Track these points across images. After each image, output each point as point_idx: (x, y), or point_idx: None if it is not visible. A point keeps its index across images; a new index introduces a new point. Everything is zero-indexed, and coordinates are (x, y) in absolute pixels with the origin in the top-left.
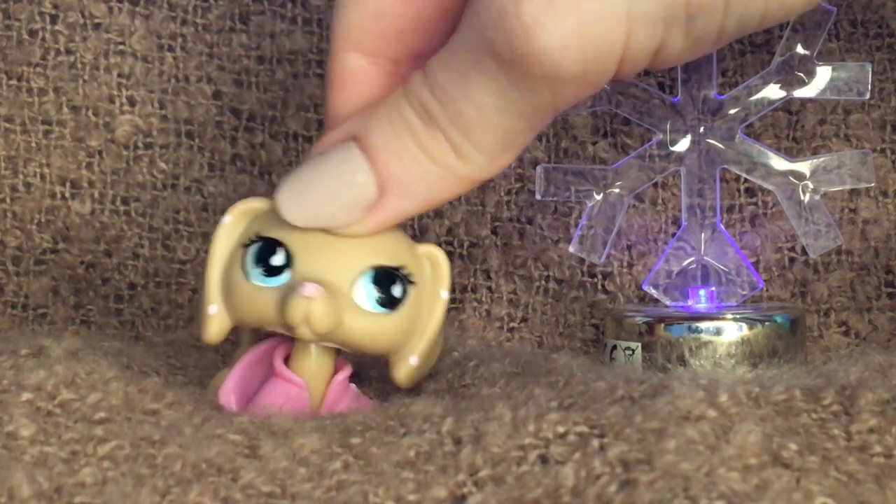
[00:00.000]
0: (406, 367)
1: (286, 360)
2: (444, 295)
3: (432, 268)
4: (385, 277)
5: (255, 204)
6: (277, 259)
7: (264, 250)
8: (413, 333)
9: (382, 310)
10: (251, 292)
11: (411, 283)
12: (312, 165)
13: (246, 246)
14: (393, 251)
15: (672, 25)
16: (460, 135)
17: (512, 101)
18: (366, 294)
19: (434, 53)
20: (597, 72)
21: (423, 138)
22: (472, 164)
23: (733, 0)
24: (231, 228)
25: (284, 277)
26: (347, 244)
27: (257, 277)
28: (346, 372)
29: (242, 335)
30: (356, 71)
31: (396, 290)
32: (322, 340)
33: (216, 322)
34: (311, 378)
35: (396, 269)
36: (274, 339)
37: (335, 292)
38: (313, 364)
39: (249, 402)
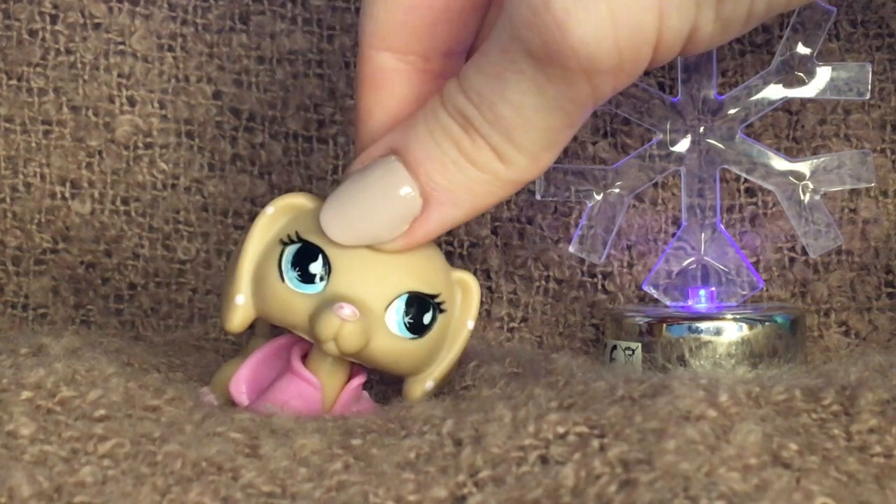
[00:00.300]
0: (421, 389)
1: (303, 359)
2: (471, 325)
3: (463, 296)
4: (419, 303)
5: (300, 200)
6: (316, 267)
7: (303, 254)
8: (434, 358)
9: (410, 335)
10: (285, 295)
11: (442, 311)
12: (354, 182)
13: (285, 244)
14: (430, 277)
15: (703, 8)
16: (501, 138)
17: (550, 99)
18: (396, 318)
19: (464, 48)
20: (633, 60)
21: (464, 145)
22: (515, 165)
23: None
24: (272, 220)
25: (320, 286)
26: (388, 264)
27: (292, 281)
28: (361, 378)
29: (259, 326)
30: (387, 70)
31: (427, 318)
32: (345, 357)
33: (241, 312)
34: (327, 380)
35: (432, 296)
36: (292, 335)
37: (367, 312)
38: (330, 367)
39: (260, 395)
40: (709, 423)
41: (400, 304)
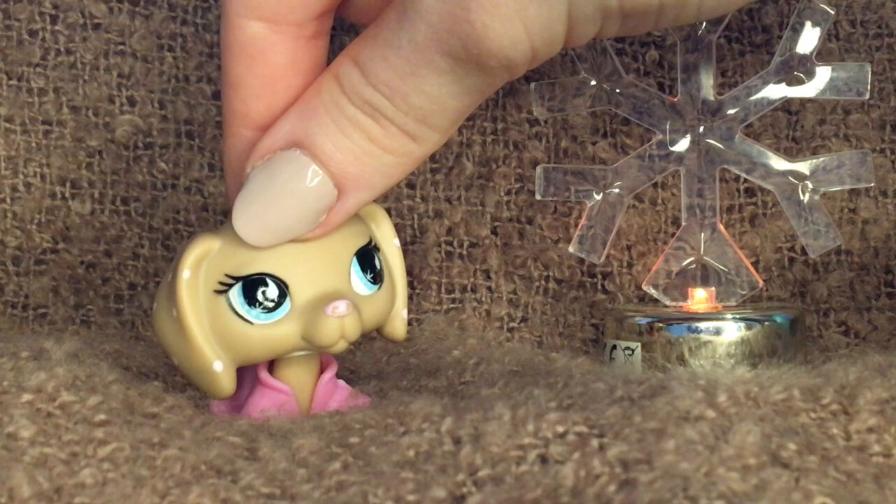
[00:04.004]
0: (400, 321)
1: (270, 367)
2: (396, 243)
3: (377, 225)
4: (366, 257)
5: (206, 245)
6: (272, 292)
7: (251, 289)
8: (394, 292)
9: (375, 287)
10: (263, 333)
11: (378, 249)
12: (261, 183)
13: (223, 291)
14: (356, 228)
15: (608, 20)
16: (416, 123)
17: (468, 86)
18: (360, 280)
19: (333, 5)
20: (545, 54)
21: (375, 134)
22: (428, 142)
23: (667, 5)
24: (193, 281)
25: (287, 305)
26: (324, 245)
27: (260, 317)
28: (333, 370)
29: None
30: (258, 39)
31: (377, 263)
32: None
33: (225, 376)
34: (298, 382)
35: (369, 243)
36: None
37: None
38: (298, 367)
39: (240, 411)
40: (708, 423)
41: (355, 269)
